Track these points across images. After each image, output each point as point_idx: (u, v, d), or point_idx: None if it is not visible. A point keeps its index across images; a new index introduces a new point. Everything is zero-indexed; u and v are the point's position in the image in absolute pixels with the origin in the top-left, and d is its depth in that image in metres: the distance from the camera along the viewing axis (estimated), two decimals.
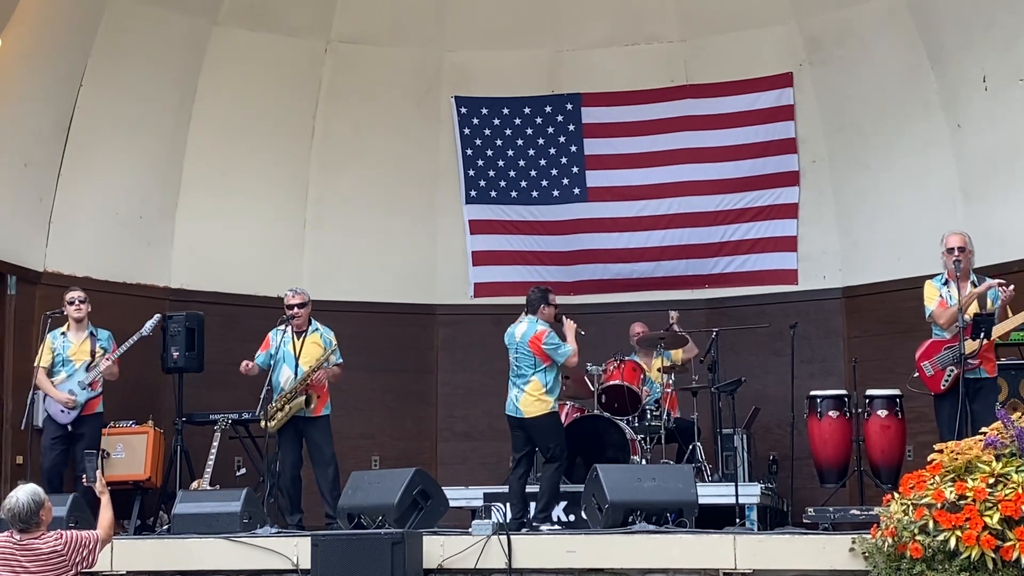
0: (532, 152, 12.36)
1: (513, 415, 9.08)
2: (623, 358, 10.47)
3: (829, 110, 11.62)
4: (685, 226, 12.11)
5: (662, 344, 10.49)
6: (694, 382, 10.65)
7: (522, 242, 12.46)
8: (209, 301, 11.33)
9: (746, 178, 11.93)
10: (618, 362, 10.40)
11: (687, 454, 10.17)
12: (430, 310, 12.36)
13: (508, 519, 8.76)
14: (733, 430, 10.19)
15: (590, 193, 12.31)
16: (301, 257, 12.06)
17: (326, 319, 9.86)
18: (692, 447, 10.14)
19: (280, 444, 9.51)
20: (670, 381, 10.58)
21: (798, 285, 11.78)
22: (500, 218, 12.43)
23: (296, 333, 9.61)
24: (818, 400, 9.76)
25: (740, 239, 12.00)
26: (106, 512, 6.58)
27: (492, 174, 12.40)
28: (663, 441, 10.18)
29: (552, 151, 12.33)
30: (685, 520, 7.89)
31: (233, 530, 8.18)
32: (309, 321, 9.70)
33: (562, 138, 12.31)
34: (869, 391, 9.66)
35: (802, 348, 10.83)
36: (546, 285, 9.68)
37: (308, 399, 9.44)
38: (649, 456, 10.12)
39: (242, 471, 11.11)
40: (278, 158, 11.98)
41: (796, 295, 11.73)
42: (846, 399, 9.77)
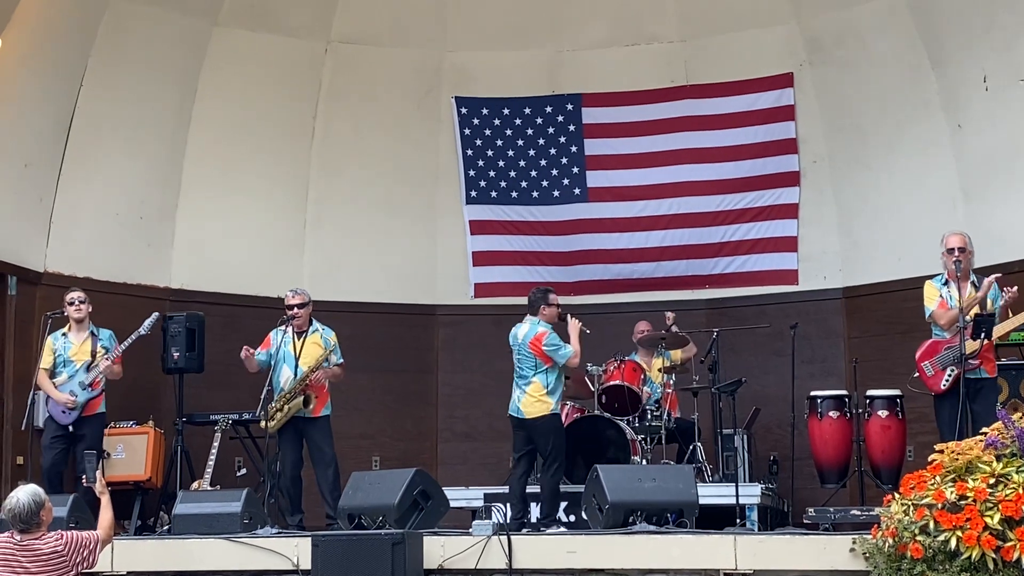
0: (532, 152, 12.36)
1: (515, 415, 9.10)
2: (623, 358, 10.46)
3: (829, 110, 11.62)
4: (685, 226, 12.11)
5: (663, 344, 10.49)
6: (695, 382, 10.64)
7: (522, 242, 12.46)
8: (209, 301, 11.33)
9: (746, 178, 11.93)
10: (618, 362, 10.39)
11: (687, 454, 10.17)
12: (430, 310, 12.36)
13: (508, 519, 8.76)
14: (734, 430, 10.18)
15: (590, 193, 12.30)
16: (301, 257, 12.06)
17: (326, 319, 9.85)
18: (692, 447, 10.14)
19: (280, 444, 9.50)
20: (670, 381, 10.57)
21: (798, 285, 11.78)
22: (500, 218, 12.42)
23: (297, 333, 9.60)
24: (818, 400, 9.77)
25: (740, 239, 12.00)
26: (106, 512, 6.57)
27: (492, 174, 12.39)
28: (663, 441, 10.18)
29: (552, 151, 12.33)
30: (686, 520, 7.88)
31: (233, 531, 8.18)
32: (310, 321, 9.69)
33: (562, 138, 12.31)
34: (869, 391, 9.67)
35: (802, 348, 10.83)
36: (547, 285, 9.68)
37: (306, 400, 9.43)
38: (649, 456, 10.11)
39: (242, 471, 11.10)
40: (278, 158, 11.98)
41: (796, 295, 11.73)
42: (846, 399, 9.77)
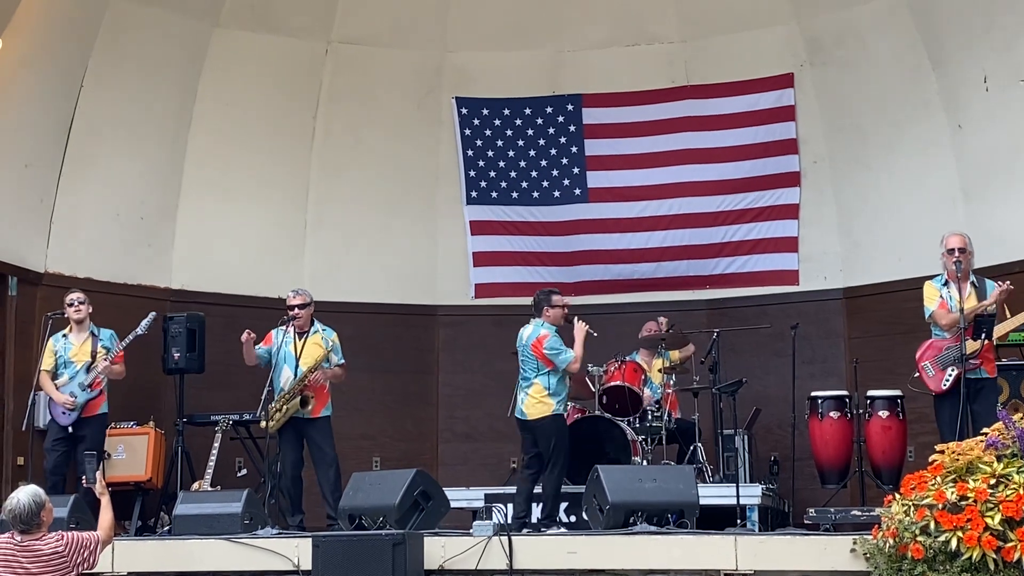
0: (533, 153, 12.35)
1: (519, 417, 9.09)
2: (624, 359, 10.46)
3: (830, 111, 11.62)
4: (686, 227, 12.11)
5: (663, 345, 10.49)
6: (695, 383, 10.64)
7: (523, 243, 12.46)
8: (210, 302, 11.33)
9: (747, 179, 11.93)
10: (619, 363, 10.39)
11: (688, 455, 10.17)
12: (431, 311, 12.35)
13: (510, 517, 8.76)
14: (734, 431, 10.18)
15: (591, 194, 12.30)
16: (302, 258, 12.05)
17: (327, 320, 9.85)
18: (693, 448, 10.14)
19: (281, 445, 9.50)
20: (671, 382, 10.57)
21: (799, 286, 11.77)
22: (501, 219, 12.42)
23: (298, 334, 9.60)
24: (819, 401, 9.77)
25: (741, 240, 12.00)
26: (106, 513, 6.57)
27: (493, 175, 12.39)
28: (664, 442, 10.19)
29: (553, 152, 12.33)
30: (686, 521, 7.88)
31: (234, 531, 8.18)
32: (311, 322, 9.69)
33: (563, 139, 12.31)
34: (870, 392, 9.66)
35: (803, 349, 10.84)
36: (552, 287, 9.67)
37: (304, 400, 9.41)
38: (650, 457, 10.11)
39: (243, 472, 11.10)
40: (279, 159, 11.97)
41: (797, 296, 11.72)
42: (847, 400, 9.77)
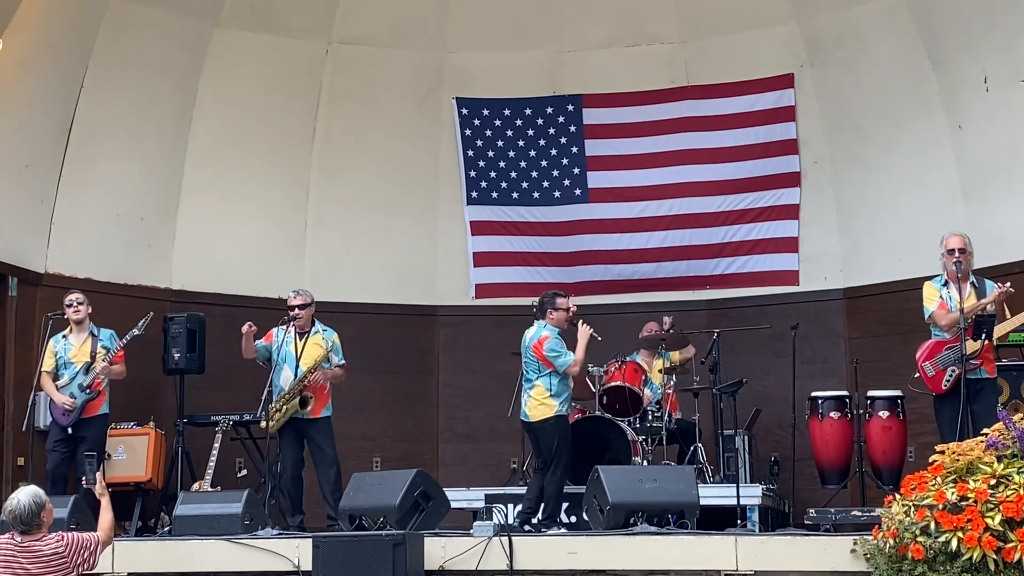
0: (533, 153, 12.35)
1: (523, 420, 9.09)
2: (624, 359, 10.46)
3: (830, 111, 11.62)
4: (686, 227, 12.11)
5: (663, 346, 10.49)
6: (695, 383, 10.64)
7: (523, 243, 12.45)
8: (210, 302, 11.33)
9: (747, 179, 11.93)
10: (619, 363, 10.39)
11: (688, 455, 10.17)
12: (431, 311, 12.35)
13: (511, 517, 8.75)
14: (734, 431, 10.19)
15: (591, 194, 12.30)
16: (302, 258, 12.05)
17: (327, 320, 9.84)
18: (693, 448, 10.14)
19: (281, 445, 9.49)
20: (671, 382, 10.57)
21: (799, 286, 11.77)
22: (501, 219, 12.42)
23: (299, 334, 9.59)
24: (819, 401, 9.76)
25: (741, 240, 12.00)
26: (106, 514, 6.56)
27: (493, 175, 12.39)
28: (664, 442, 10.19)
29: (553, 152, 12.33)
30: (686, 521, 7.87)
31: (234, 532, 8.17)
32: (312, 322, 9.69)
33: (563, 139, 12.31)
34: (870, 392, 9.66)
35: (803, 349, 10.83)
36: (558, 289, 9.66)
37: (303, 401, 9.40)
38: (650, 457, 10.11)
39: (243, 472, 11.09)
40: (279, 159, 11.97)
41: (797, 296, 11.72)
42: (847, 400, 9.76)
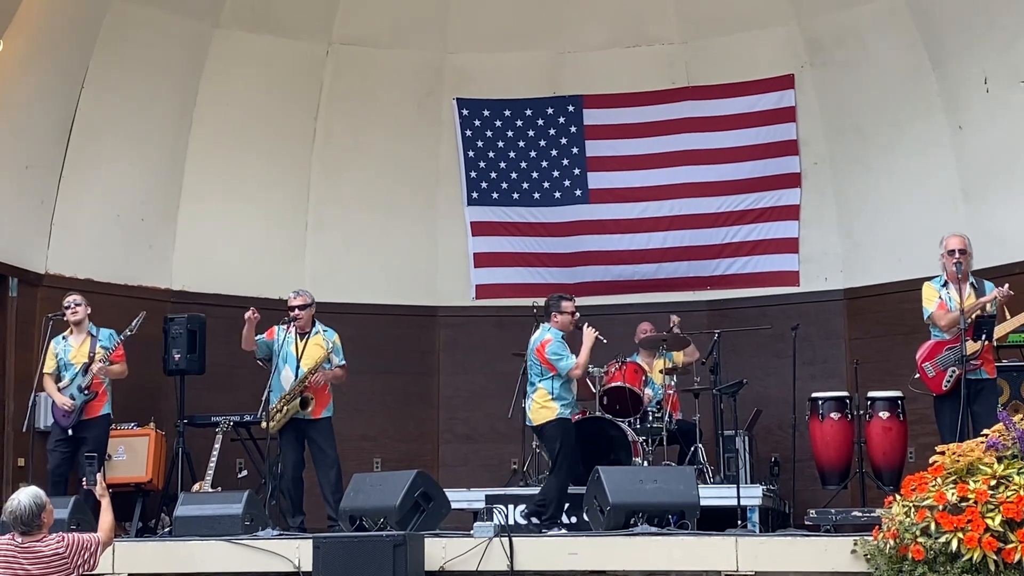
0: (534, 154, 12.35)
1: (528, 423, 9.08)
2: (625, 360, 10.46)
3: (830, 111, 11.62)
4: (687, 228, 12.10)
5: (664, 346, 10.49)
6: (696, 384, 10.64)
7: (524, 244, 12.45)
8: (211, 303, 11.32)
9: (747, 180, 11.93)
10: (620, 364, 10.38)
11: (689, 456, 10.16)
12: (431, 312, 12.34)
13: (511, 518, 8.76)
14: (735, 432, 10.19)
15: (591, 195, 12.30)
16: (303, 259, 12.05)
17: (327, 321, 9.85)
18: (694, 449, 10.13)
19: (281, 446, 9.49)
20: (672, 383, 10.57)
21: (799, 287, 11.77)
22: (502, 220, 12.42)
23: (299, 335, 9.59)
24: (820, 402, 9.76)
25: (742, 241, 12.00)
26: (106, 515, 6.56)
27: (494, 176, 12.39)
28: (665, 443, 10.18)
29: (554, 153, 12.33)
30: (687, 522, 7.87)
31: (235, 532, 8.16)
32: (312, 323, 9.69)
33: (563, 140, 12.31)
34: (871, 393, 9.66)
35: (803, 350, 10.83)
36: (563, 291, 9.66)
37: (304, 402, 9.40)
38: (651, 458, 10.11)
39: (243, 473, 11.09)
40: (279, 160, 11.97)
41: (797, 297, 11.72)
42: (848, 401, 9.76)
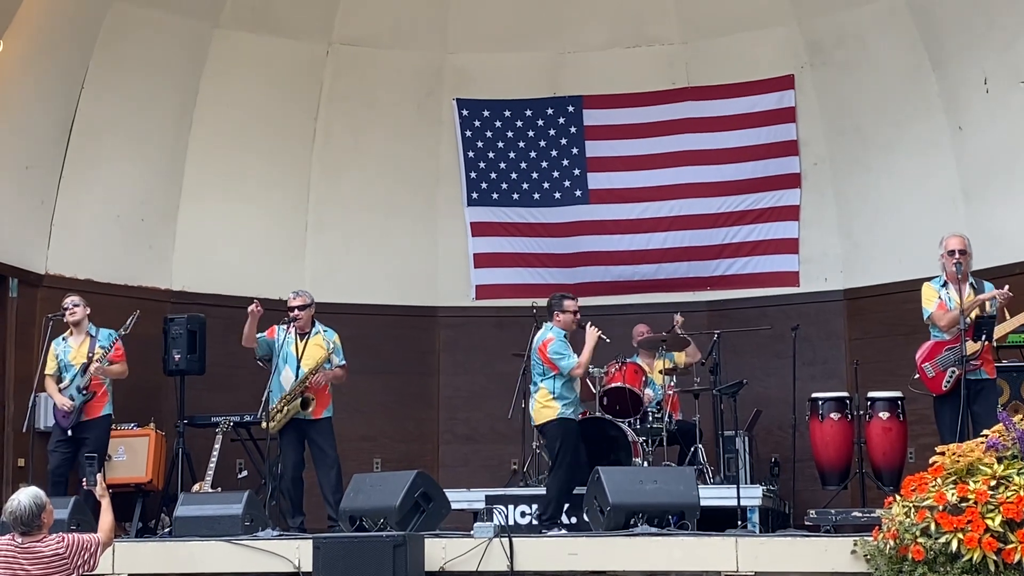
0: (533, 154, 12.35)
1: (531, 423, 9.09)
2: (625, 360, 10.45)
3: (830, 112, 11.62)
4: (687, 228, 12.11)
5: (663, 346, 10.49)
6: (696, 384, 10.63)
7: (524, 244, 12.45)
8: (211, 303, 11.32)
9: (747, 180, 11.93)
10: (620, 364, 10.38)
11: (689, 456, 10.16)
12: (431, 312, 12.34)
13: (510, 518, 8.76)
14: (735, 432, 10.19)
15: (591, 195, 12.30)
16: (303, 259, 12.05)
17: (327, 321, 9.85)
18: (694, 449, 10.13)
19: (281, 446, 9.50)
20: (672, 383, 10.57)
21: (799, 287, 11.77)
22: (502, 220, 12.42)
23: (299, 335, 9.59)
24: (820, 402, 9.76)
25: (742, 241, 12.00)
26: (106, 515, 6.57)
27: (494, 176, 12.39)
28: (665, 443, 10.18)
29: (553, 153, 12.33)
30: (687, 522, 7.87)
31: (235, 533, 8.16)
32: (312, 323, 9.69)
33: (563, 140, 12.31)
34: (871, 393, 9.66)
35: (804, 350, 10.83)
36: (566, 291, 9.66)
37: (305, 402, 9.40)
38: (651, 458, 10.11)
39: (244, 473, 11.09)
40: (279, 160, 11.97)
41: (798, 297, 11.72)
42: (848, 401, 9.76)
